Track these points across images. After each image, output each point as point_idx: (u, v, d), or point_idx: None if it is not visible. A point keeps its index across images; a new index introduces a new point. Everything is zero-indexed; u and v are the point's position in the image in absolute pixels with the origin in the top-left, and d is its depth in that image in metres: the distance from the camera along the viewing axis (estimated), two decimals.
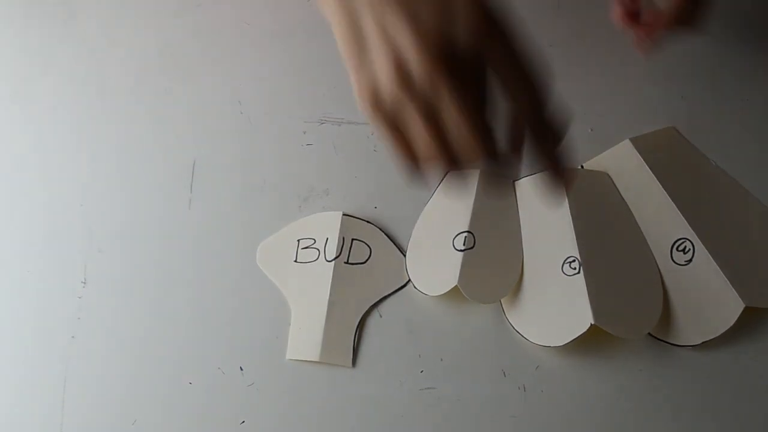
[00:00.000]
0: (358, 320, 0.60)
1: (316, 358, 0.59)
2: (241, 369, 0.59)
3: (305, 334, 0.60)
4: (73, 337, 0.60)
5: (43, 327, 0.60)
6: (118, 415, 0.58)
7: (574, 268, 0.58)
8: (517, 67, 0.34)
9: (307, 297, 0.61)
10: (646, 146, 0.64)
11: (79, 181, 0.65)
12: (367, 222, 0.63)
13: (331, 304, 0.60)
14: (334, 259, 0.61)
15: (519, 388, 0.58)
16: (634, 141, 0.64)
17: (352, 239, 0.62)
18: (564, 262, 0.59)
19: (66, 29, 0.71)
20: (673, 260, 0.60)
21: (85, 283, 0.62)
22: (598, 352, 0.59)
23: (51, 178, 0.66)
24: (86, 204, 0.64)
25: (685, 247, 0.60)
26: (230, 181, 0.65)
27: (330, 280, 0.61)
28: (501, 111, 0.37)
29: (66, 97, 0.69)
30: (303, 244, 0.62)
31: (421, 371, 0.59)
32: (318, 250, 0.62)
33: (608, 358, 0.59)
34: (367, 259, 0.62)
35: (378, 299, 0.61)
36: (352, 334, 0.60)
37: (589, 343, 0.58)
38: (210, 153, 0.66)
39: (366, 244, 0.62)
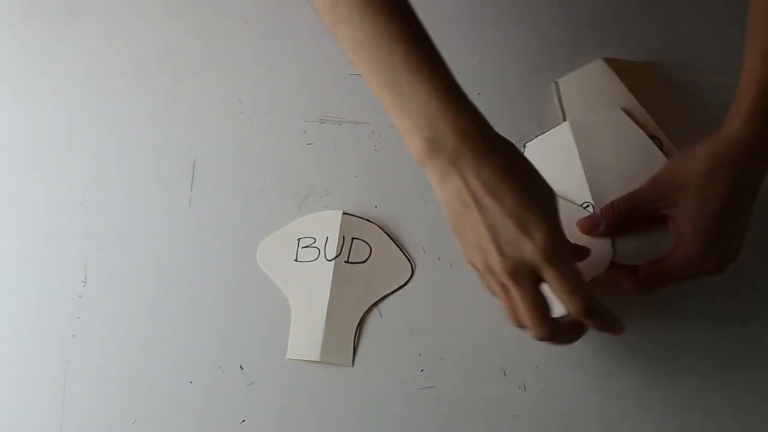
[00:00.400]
0: (359, 320, 0.60)
1: (316, 358, 0.59)
2: (242, 368, 0.59)
3: (305, 334, 0.60)
4: (73, 336, 0.60)
5: (44, 326, 0.60)
6: (118, 414, 0.58)
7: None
8: (563, 286, 0.49)
9: (307, 296, 0.61)
10: (618, 68, 0.66)
11: (79, 181, 0.65)
12: (368, 221, 0.63)
13: (332, 303, 0.60)
14: (335, 258, 0.61)
15: (519, 387, 0.58)
16: (608, 60, 0.67)
17: (353, 238, 0.62)
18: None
19: (66, 29, 0.71)
20: None
21: (85, 282, 0.62)
22: (598, 352, 0.59)
23: (51, 178, 0.65)
24: (86, 204, 0.64)
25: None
26: (230, 181, 0.65)
27: (330, 280, 0.61)
28: None
29: (66, 97, 0.68)
30: (303, 243, 0.62)
31: (422, 370, 0.59)
32: (318, 249, 0.62)
33: (608, 357, 0.59)
34: (367, 258, 0.62)
35: (378, 298, 0.61)
36: (353, 333, 0.60)
37: (589, 342, 0.58)
38: (210, 152, 0.66)
39: (366, 243, 0.62)
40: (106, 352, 0.60)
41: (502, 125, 0.66)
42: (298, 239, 0.63)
